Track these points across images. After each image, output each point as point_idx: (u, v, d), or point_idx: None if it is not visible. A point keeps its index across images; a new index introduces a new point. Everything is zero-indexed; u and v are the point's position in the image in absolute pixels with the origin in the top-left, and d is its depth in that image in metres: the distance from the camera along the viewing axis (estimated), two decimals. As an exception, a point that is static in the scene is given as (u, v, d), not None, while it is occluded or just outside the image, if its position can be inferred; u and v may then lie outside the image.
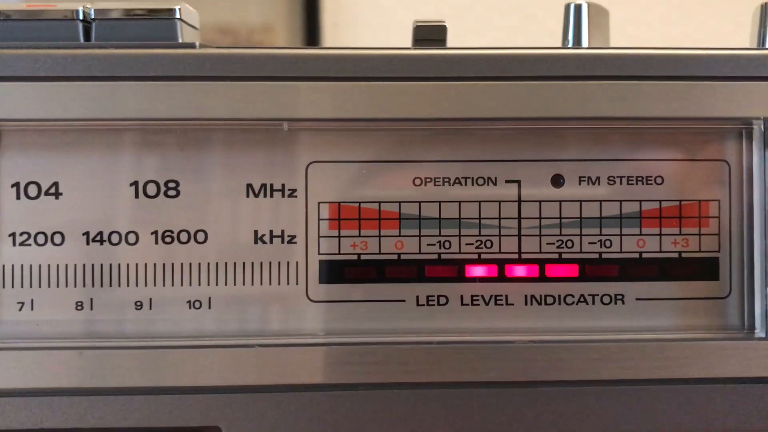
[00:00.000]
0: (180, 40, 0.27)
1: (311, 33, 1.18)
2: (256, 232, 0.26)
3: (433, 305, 0.27)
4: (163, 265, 0.26)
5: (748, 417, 0.26)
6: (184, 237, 0.26)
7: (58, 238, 0.26)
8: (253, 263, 0.26)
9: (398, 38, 1.25)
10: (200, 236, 0.26)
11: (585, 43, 0.31)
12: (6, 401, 0.25)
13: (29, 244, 0.26)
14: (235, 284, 0.26)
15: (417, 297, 0.27)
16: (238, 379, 0.25)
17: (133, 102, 0.26)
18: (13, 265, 0.26)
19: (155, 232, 0.26)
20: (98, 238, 0.26)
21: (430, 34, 0.31)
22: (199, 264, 0.26)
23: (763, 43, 0.32)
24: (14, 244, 0.26)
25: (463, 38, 1.28)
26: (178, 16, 0.27)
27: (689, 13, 1.17)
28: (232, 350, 0.25)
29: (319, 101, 0.25)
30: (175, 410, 0.25)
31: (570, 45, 0.30)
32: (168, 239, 0.26)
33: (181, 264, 0.26)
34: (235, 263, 0.26)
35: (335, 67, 0.25)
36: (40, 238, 0.26)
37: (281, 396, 0.25)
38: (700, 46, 0.27)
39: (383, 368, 0.25)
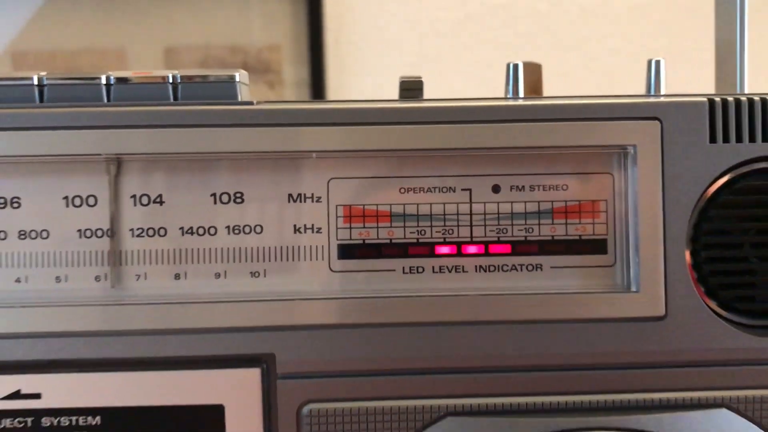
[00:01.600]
0: (239, 98, 0.40)
1: (315, 50, 1.28)
2: (295, 225, 0.39)
3: (414, 273, 0.39)
4: (235, 248, 0.39)
5: (624, 343, 0.38)
6: (247, 230, 0.39)
7: (162, 232, 0.39)
8: (293, 246, 0.39)
9: (395, 53, 1.36)
10: (258, 229, 0.39)
11: (521, 92, 0.44)
12: (136, 339, 0.38)
13: (143, 236, 0.39)
14: (282, 260, 0.39)
15: (403, 267, 0.39)
16: (286, 321, 0.38)
17: (209, 141, 0.38)
18: (132, 251, 0.39)
19: (228, 227, 0.39)
20: (190, 231, 0.39)
21: (411, 86, 0.44)
22: (258, 247, 0.39)
23: (649, 92, 0.45)
24: (132, 236, 0.39)
25: (459, 53, 1.38)
26: (238, 80, 0.40)
27: (667, 27, 1.28)
28: (280, 302, 0.38)
29: (336, 138, 0.38)
30: (240, 343, 0.38)
31: (510, 95, 0.43)
32: (236, 231, 0.39)
33: (246, 248, 0.39)
34: (281, 246, 0.39)
35: (347, 116, 0.38)
36: (150, 232, 0.39)
37: (316, 332, 0.38)
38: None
39: (381, 313, 0.38)
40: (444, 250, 0.39)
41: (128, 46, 1.31)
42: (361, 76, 1.29)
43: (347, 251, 0.39)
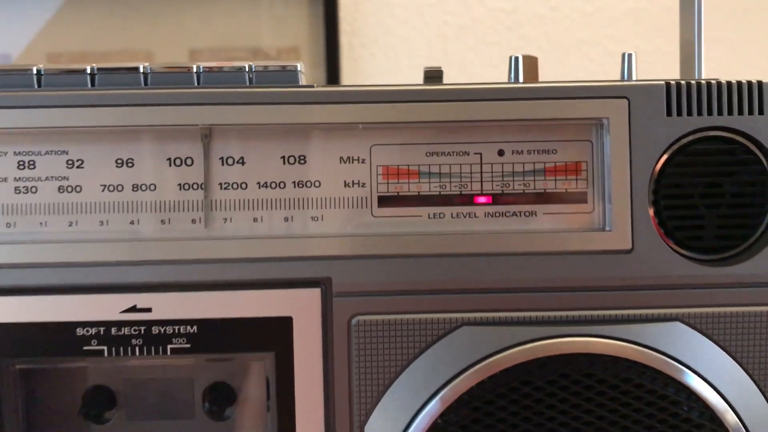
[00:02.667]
0: (300, 83, 0.51)
1: (331, 52, 1.32)
2: (345, 181, 0.50)
3: (437, 218, 0.50)
4: (299, 198, 0.50)
5: (600, 271, 0.49)
6: (308, 184, 0.50)
7: (243, 186, 0.50)
8: (344, 197, 0.50)
9: (404, 56, 1.45)
10: (317, 183, 0.50)
11: (521, 79, 0.55)
12: (224, 266, 0.49)
13: (228, 189, 0.50)
14: (335, 208, 0.50)
15: (428, 213, 0.49)
16: (340, 253, 0.48)
17: (280, 115, 0.50)
18: (220, 200, 0.50)
19: (294, 182, 0.50)
20: (265, 185, 0.50)
21: (432, 74, 0.55)
22: (317, 198, 0.50)
23: (623, 77, 0.56)
24: (221, 189, 0.50)
25: (464, 55, 1.46)
26: (299, 69, 0.52)
27: (659, 31, 1.36)
28: (335, 239, 0.49)
29: (378, 113, 0.49)
30: (305, 269, 0.48)
31: (512, 81, 0.54)
32: (300, 185, 0.50)
33: (309, 198, 0.50)
34: (335, 197, 0.50)
35: (386, 96, 0.49)
36: (234, 185, 0.50)
37: (362, 261, 0.48)
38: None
39: (411, 247, 0.48)
40: (460, 200, 0.50)
41: (155, 48, 1.36)
42: (372, 77, 1.33)
43: (385, 201, 0.50)
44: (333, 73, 1.35)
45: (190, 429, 0.52)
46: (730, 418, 0.49)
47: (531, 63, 0.56)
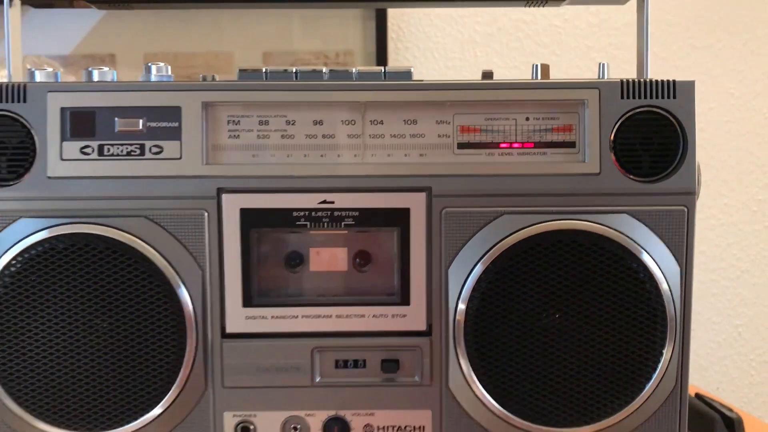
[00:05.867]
0: (412, 79, 0.91)
1: (380, 54, 1.52)
2: (438, 134, 0.87)
3: (490, 155, 0.88)
4: (413, 143, 0.88)
5: (581, 185, 0.86)
6: (418, 136, 0.89)
7: (382, 136, 0.88)
8: (438, 143, 0.86)
9: (441, 57, 1.85)
10: (423, 136, 0.86)
11: (539, 77, 0.94)
12: (372, 179, 0.89)
13: (374, 138, 0.89)
14: (433, 149, 0.88)
15: (486, 152, 0.85)
16: (436, 173, 0.86)
17: (402, 96, 0.88)
18: (369, 144, 0.89)
19: (410, 134, 0.89)
20: (393, 135, 0.89)
21: (487, 73, 0.95)
22: (423, 143, 0.87)
23: (599, 77, 0.95)
24: (369, 137, 0.89)
25: (490, 57, 1.86)
26: (412, 71, 0.92)
27: (654, 40, 1.66)
28: (435, 164, 0.87)
29: (458, 95, 0.88)
30: (417, 182, 0.86)
31: (534, 78, 0.94)
32: (414, 136, 0.88)
33: (418, 143, 0.87)
34: (433, 143, 0.88)
35: (462, 86, 0.87)
36: (377, 136, 0.88)
37: (447, 177, 0.86)
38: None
39: (477, 169, 0.86)
40: (503, 145, 0.86)
41: (234, 50, 1.62)
42: (414, 76, 1.67)
43: (461, 145, 0.87)
44: (382, 72, 1.62)
45: (344, 276, 0.91)
46: (664, 286, 0.87)
47: (545, 68, 0.96)
